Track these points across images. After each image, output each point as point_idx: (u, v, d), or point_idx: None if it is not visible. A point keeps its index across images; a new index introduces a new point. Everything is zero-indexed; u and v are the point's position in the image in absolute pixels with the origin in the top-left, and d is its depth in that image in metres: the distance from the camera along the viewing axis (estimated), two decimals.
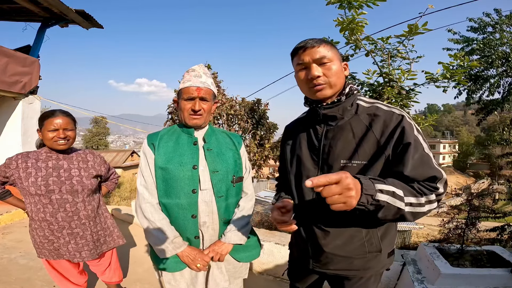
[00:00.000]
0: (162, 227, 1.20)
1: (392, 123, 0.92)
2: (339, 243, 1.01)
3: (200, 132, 1.31)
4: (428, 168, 0.87)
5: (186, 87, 1.22)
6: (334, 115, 0.99)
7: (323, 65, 0.95)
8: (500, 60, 6.75)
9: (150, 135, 1.32)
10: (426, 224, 12.04)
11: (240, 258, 1.33)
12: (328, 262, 1.06)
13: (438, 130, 63.36)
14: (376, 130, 0.93)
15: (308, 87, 0.99)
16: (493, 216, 2.93)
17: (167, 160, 1.21)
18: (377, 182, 0.79)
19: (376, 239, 1.01)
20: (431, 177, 0.86)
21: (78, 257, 1.67)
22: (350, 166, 0.95)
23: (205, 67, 1.32)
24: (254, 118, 6.34)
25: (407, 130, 0.89)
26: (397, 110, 0.96)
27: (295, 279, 1.30)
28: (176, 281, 1.27)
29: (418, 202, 0.83)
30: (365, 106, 1.00)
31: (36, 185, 1.51)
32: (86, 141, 34.22)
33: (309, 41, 0.97)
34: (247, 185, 1.39)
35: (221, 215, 1.26)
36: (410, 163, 0.86)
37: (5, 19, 4.81)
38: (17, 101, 4.36)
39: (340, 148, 0.98)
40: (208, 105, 1.26)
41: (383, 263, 1.06)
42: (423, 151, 0.88)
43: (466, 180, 34.41)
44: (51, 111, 1.58)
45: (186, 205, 1.20)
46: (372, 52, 2.64)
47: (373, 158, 0.92)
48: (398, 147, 0.89)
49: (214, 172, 1.24)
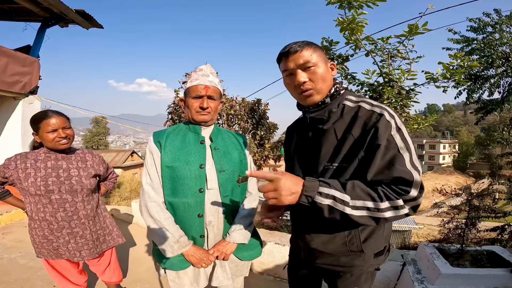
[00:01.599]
0: (168, 226, 1.20)
1: (370, 123, 0.90)
2: (324, 240, 1.04)
3: (207, 130, 1.32)
4: (394, 170, 0.83)
5: (194, 86, 1.23)
6: (321, 118, 1.00)
7: (308, 69, 0.95)
8: (500, 60, 6.75)
9: (156, 132, 1.31)
10: (426, 224, 12.04)
11: (242, 256, 1.34)
12: (316, 256, 1.10)
13: (438, 130, 63.38)
14: (355, 131, 0.93)
15: (297, 93, 1.00)
16: (493, 216, 2.93)
17: (173, 158, 1.22)
18: (322, 185, 0.84)
19: (357, 240, 1.01)
20: (399, 178, 0.83)
21: (78, 256, 1.67)
22: (331, 168, 0.96)
23: (212, 67, 1.33)
24: (254, 118, 6.35)
25: (380, 131, 0.87)
26: (378, 108, 0.93)
27: (292, 273, 1.33)
28: (180, 279, 1.28)
29: (376, 207, 0.83)
30: (351, 106, 0.99)
31: (36, 185, 1.51)
32: (86, 141, 34.25)
33: (292, 45, 0.96)
34: (252, 185, 1.40)
35: (226, 214, 1.27)
36: (375, 166, 0.86)
37: (5, 19, 4.81)
38: (17, 101, 4.36)
39: (324, 151, 0.99)
40: (215, 104, 1.28)
41: (369, 263, 1.05)
42: (397, 151, 0.85)
43: (466, 180, 34.37)
44: (43, 113, 1.56)
45: (193, 204, 1.21)
46: (372, 52, 2.64)
47: (349, 160, 0.93)
48: (370, 149, 0.88)
49: (220, 172, 1.25)
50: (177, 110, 5.56)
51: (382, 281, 2.22)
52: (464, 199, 2.44)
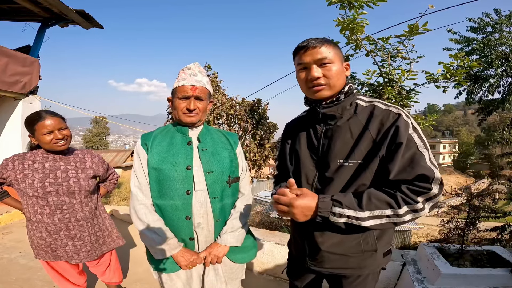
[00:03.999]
0: (157, 229, 1.18)
1: (388, 122, 0.92)
2: (336, 241, 1.02)
3: (195, 131, 1.29)
4: (418, 167, 0.86)
5: (181, 86, 1.20)
6: (333, 114, 1.00)
7: (324, 66, 0.95)
8: (499, 60, 6.76)
9: (143, 135, 1.30)
10: (426, 224, 12.03)
11: (236, 259, 1.31)
12: (323, 260, 1.06)
13: (438, 130, 63.39)
14: (373, 129, 0.93)
15: (307, 87, 1.00)
16: (493, 216, 2.93)
17: (160, 160, 1.20)
18: (335, 205, 0.88)
19: (372, 239, 1.01)
20: (422, 176, 0.85)
21: (76, 259, 1.65)
22: (347, 165, 0.95)
23: (200, 66, 1.29)
24: (254, 118, 6.34)
25: (401, 129, 0.89)
26: (394, 108, 0.96)
27: (293, 277, 1.30)
28: (172, 281, 1.26)
29: (395, 214, 0.86)
30: (364, 105, 1.00)
31: (33, 187, 1.49)
32: (86, 141, 34.22)
33: (311, 41, 0.96)
34: (244, 185, 1.37)
35: (216, 216, 1.24)
36: (398, 164, 0.87)
37: (5, 19, 4.81)
38: (17, 101, 4.36)
39: (338, 147, 0.98)
40: (203, 104, 1.24)
41: (378, 262, 1.06)
42: (417, 149, 0.88)
43: (466, 180, 34.36)
44: (37, 115, 1.50)
45: (180, 206, 1.19)
46: (372, 52, 2.63)
47: (369, 158, 0.93)
48: (391, 147, 0.90)
49: (208, 173, 1.22)
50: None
51: (382, 281, 2.22)
52: (464, 199, 2.44)
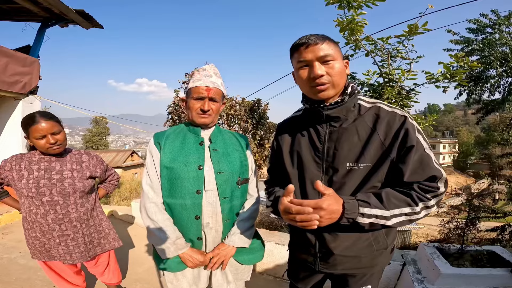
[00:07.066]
0: (165, 228, 1.19)
1: (396, 124, 0.92)
2: (348, 245, 1.00)
3: (207, 132, 1.30)
4: (428, 168, 0.88)
5: (196, 87, 1.20)
6: (338, 116, 0.96)
7: (326, 63, 0.90)
8: (499, 61, 6.75)
9: (156, 133, 1.31)
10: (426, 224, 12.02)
11: (242, 260, 1.31)
12: (336, 263, 1.04)
13: (438, 130, 63.39)
14: (381, 131, 0.92)
15: (309, 87, 0.94)
16: (493, 216, 2.93)
17: (172, 159, 1.21)
18: (362, 205, 0.85)
19: (382, 237, 1.02)
20: (431, 176, 0.88)
21: (68, 259, 1.65)
22: (357, 169, 0.93)
23: (216, 68, 1.30)
24: (254, 118, 6.34)
25: (411, 132, 0.90)
26: (399, 110, 0.95)
27: (297, 280, 1.27)
28: (178, 280, 1.27)
29: (413, 211, 0.88)
30: (367, 106, 0.99)
31: (28, 187, 1.50)
32: (86, 141, 34.22)
33: (311, 37, 0.90)
34: (253, 187, 1.38)
35: (225, 216, 1.24)
36: (410, 167, 0.88)
37: (5, 19, 4.80)
38: (17, 101, 4.35)
39: (346, 150, 0.95)
40: (216, 106, 1.25)
41: (387, 259, 1.08)
42: (424, 151, 0.89)
43: (466, 180, 34.37)
44: (31, 118, 1.47)
45: (190, 205, 1.19)
46: (372, 52, 2.63)
47: (379, 160, 0.92)
48: (402, 150, 0.90)
49: (219, 173, 1.22)
50: (177, 110, 5.55)
51: (382, 281, 2.21)
52: (464, 199, 2.44)
